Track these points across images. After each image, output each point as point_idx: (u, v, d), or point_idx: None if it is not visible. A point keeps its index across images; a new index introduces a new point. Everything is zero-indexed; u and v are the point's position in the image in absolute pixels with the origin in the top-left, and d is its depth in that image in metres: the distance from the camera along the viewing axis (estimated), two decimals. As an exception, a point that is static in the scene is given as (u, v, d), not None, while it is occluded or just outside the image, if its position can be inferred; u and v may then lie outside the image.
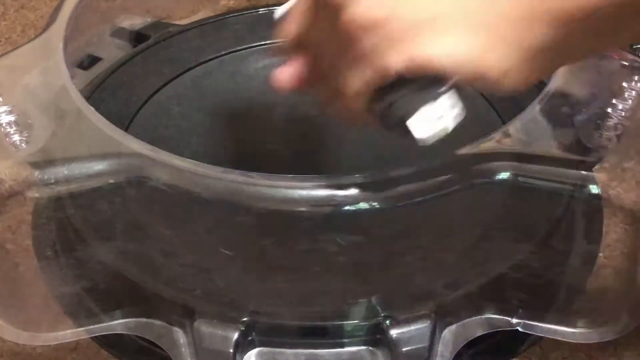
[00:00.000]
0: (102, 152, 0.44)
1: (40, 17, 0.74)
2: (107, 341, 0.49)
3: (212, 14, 0.65)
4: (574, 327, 0.46)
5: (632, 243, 0.53)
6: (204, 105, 0.58)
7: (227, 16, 0.63)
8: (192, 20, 0.65)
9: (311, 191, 0.42)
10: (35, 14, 0.75)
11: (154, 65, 0.59)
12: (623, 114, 0.46)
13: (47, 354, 0.51)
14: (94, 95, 0.56)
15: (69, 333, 0.46)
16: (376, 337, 0.44)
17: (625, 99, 0.46)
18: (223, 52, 0.60)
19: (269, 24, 0.61)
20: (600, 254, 0.51)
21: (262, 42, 0.61)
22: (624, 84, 0.47)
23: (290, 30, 0.40)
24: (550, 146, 0.45)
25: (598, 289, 0.50)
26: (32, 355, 0.51)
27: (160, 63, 0.60)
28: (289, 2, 0.42)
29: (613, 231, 0.54)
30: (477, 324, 0.45)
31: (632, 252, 0.53)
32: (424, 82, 0.36)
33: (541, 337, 0.49)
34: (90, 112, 0.45)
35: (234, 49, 0.60)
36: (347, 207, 0.42)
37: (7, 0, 0.76)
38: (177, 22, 0.65)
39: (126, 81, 0.58)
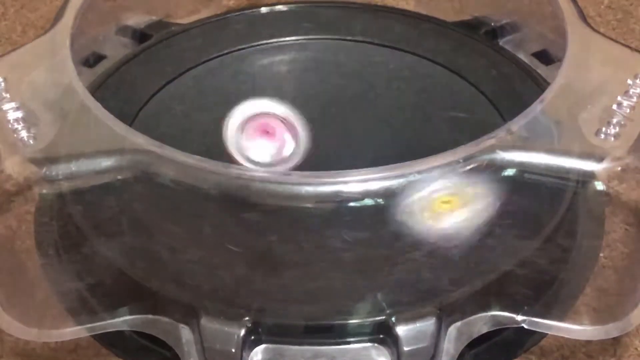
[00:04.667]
0: (109, 148, 0.44)
1: (40, 17, 0.74)
2: (108, 340, 0.49)
3: (214, 13, 0.65)
4: (579, 324, 0.46)
5: (633, 243, 0.54)
6: (206, 104, 0.58)
7: (229, 15, 0.63)
8: (193, 19, 0.65)
9: (317, 187, 0.42)
10: (35, 14, 0.74)
11: (156, 64, 0.59)
12: (628, 111, 0.46)
13: (47, 354, 0.51)
14: (96, 93, 0.55)
15: (73, 330, 0.46)
16: (381, 334, 0.44)
17: (630, 96, 0.46)
18: (225, 51, 0.60)
19: (271, 24, 0.62)
20: (601, 254, 0.51)
21: (264, 42, 0.61)
22: (629, 81, 0.47)
23: None
24: (553, 143, 0.45)
25: (599, 287, 0.50)
26: (32, 355, 0.50)
27: (162, 62, 0.59)
28: None
29: (613, 231, 0.54)
30: (483, 321, 0.45)
31: (633, 252, 0.53)
32: None
33: (541, 338, 0.49)
34: (97, 109, 0.45)
35: (236, 48, 0.60)
36: (352, 203, 0.42)
37: (7, 0, 0.75)
38: (178, 21, 0.65)
39: (128, 80, 0.58)
